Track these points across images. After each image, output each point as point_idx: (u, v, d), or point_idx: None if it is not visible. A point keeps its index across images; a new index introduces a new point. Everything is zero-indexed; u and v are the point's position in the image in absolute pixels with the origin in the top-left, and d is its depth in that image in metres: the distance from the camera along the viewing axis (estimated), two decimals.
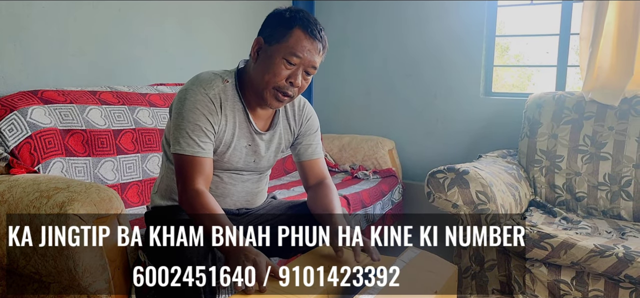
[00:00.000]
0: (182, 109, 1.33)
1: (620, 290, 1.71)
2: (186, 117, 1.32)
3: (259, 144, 1.47)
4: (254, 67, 1.38)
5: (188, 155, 1.31)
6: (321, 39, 1.35)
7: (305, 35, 1.32)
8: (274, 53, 1.33)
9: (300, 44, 1.32)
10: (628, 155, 2.22)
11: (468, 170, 1.97)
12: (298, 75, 1.35)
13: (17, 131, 1.68)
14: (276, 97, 1.36)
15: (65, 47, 2.05)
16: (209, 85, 1.37)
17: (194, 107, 1.33)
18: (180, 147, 1.31)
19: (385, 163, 2.97)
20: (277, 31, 1.33)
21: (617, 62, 2.36)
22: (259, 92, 1.37)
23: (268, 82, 1.35)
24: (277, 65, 1.33)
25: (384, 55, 3.20)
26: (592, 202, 2.26)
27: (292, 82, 1.35)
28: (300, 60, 1.33)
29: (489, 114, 2.88)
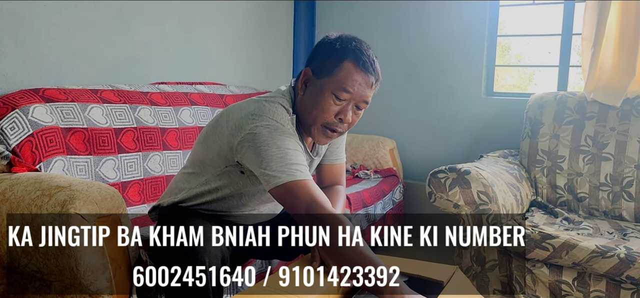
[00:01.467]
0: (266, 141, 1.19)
1: (622, 291, 1.71)
2: (280, 146, 1.18)
3: (309, 166, 1.42)
4: (302, 100, 1.30)
5: (299, 180, 1.15)
6: (374, 72, 1.26)
7: (356, 68, 1.23)
8: (323, 87, 1.24)
9: (351, 78, 1.23)
10: (630, 155, 2.21)
11: (469, 170, 1.96)
12: (348, 111, 1.26)
13: (19, 129, 1.67)
14: (325, 134, 1.29)
15: (66, 45, 2.05)
16: (282, 118, 1.26)
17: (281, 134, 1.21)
18: (286, 175, 1.15)
19: (386, 163, 2.96)
20: (327, 63, 1.25)
21: (619, 63, 2.36)
22: (307, 127, 1.31)
23: (316, 118, 1.27)
24: (326, 100, 1.24)
25: (384, 55, 3.19)
26: (593, 203, 2.26)
27: (341, 119, 1.27)
28: (351, 96, 1.24)
29: (491, 114, 2.88)
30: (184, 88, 2.41)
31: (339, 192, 1.49)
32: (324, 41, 1.30)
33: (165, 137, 2.13)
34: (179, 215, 1.41)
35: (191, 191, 1.44)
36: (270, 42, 3.14)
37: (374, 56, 1.28)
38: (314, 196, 1.14)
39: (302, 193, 1.14)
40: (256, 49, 3.04)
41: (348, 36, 1.28)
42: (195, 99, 2.38)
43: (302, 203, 1.13)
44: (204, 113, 2.35)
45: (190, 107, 2.31)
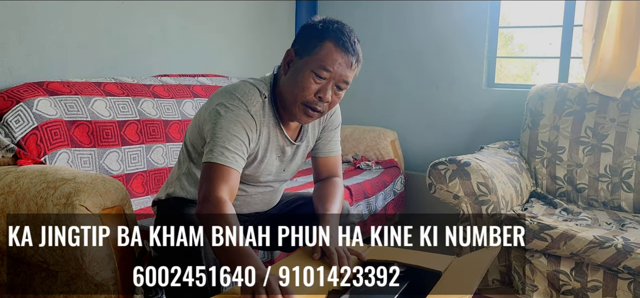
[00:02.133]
0: (221, 121, 1.26)
1: (619, 281, 1.73)
2: (226, 127, 1.25)
3: (288, 154, 1.45)
4: (284, 80, 1.33)
5: (218, 163, 1.22)
6: (354, 52, 1.28)
7: (336, 48, 1.25)
8: (304, 66, 1.27)
9: (330, 57, 1.25)
10: (629, 147, 2.23)
11: (469, 162, 1.98)
12: (328, 89, 1.28)
13: (24, 122, 1.70)
14: (306, 113, 1.31)
15: (69, 39, 2.07)
16: (250, 101, 1.30)
17: (235, 120, 1.26)
18: (212, 156, 1.22)
19: (387, 154, 2.98)
20: (309, 43, 1.27)
21: (620, 54, 2.37)
22: (288, 106, 1.33)
23: (296, 97, 1.29)
24: (306, 78, 1.26)
25: (386, 47, 3.20)
26: (592, 194, 2.28)
27: (321, 97, 1.28)
28: (330, 74, 1.27)
29: (491, 105, 2.89)
30: (186, 80, 2.43)
31: (337, 184, 1.50)
32: (307, 23, 1.33)
33: (168, 129, 2.15)
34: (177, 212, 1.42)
35: (181, 179, 1.47)
36: (271, 34, 3.15)
37: (356, 39, 1.30)
38: (218, 180, 1.20)
39: (214, 174, 1.21)
40: (257, 41, 3.05)
41: (331, 19, 1.31)
42: (197, 91, 2.40)
43: (208, 181, 1.21)
44: None
45: (193, 99, 2.33)
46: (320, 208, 1.41)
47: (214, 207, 1.16)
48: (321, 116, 1.36)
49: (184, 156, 1.48)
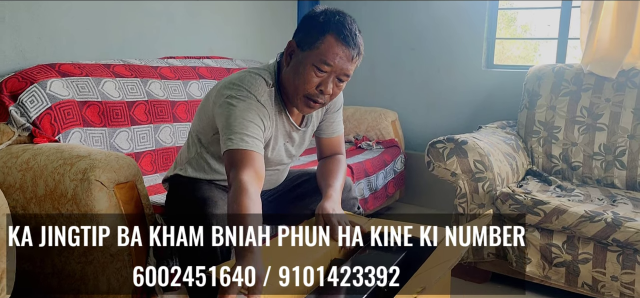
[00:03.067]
0: (235, 111, 1.28)
1: (608, 253, 1.81)
2: (240, 116, 1.27)
3: (295, 138, 1.50)
4: (286, 71, 1.36)
5: (240, 149, 1.23)
6: (355, 46, 1.30)
7: (337, 42, 1.27)
8: (305, 59, 1.30)
9: (331, 51, 1.27)
10: (623, 126, 2.29)
11: (467, 140, 2.05)
12: (328, 83, 1.31)
13: (38, 103, 1.77)
14: (307, 105, 1.35)
15: (78, 22, 2.13)
16: (258, 91, 1.33)
17: (248, 108, 1.29)
18: (232, 143, 1.24)
19: (388, 134, 3.05)
20: (310, 36, 1.29)
21: (616, 35, 2.41)
22: (290, 97, 1.37)
23: (298, 89, 1.32)
24: (308, 72, 1.29)
25: (388, 29, 3.25)
26: (587, 171, 2.35)
27: (322, 90, 1.32)
28: (332, 68, 1.29)
29: (490, 86, 2.95)
30: (191, 62, 2.49)
31: (340, 160, 1.58)
32: (309, 14, 1.34)
33: (175, 109, 2.22)
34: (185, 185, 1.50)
35: (191, 162, 1.52)
36: (274, 17, 3.20)
37: (357, 30, 1.32)
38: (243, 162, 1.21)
39: (238, 158, 1.22)
40: (261, 24, 3.11)
41: (333, 10, 1.32)
42: (202, 73, 2.46)
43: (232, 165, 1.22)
44: (212, 86, 2.43)
45: (198, 80, 2.40)
46: (323, 183, 1.49)
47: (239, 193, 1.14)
48: (323, 106, 1.41)
49: (193, 141, 1.53)
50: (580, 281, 1.87)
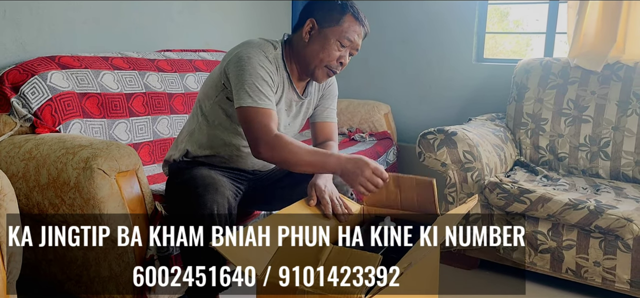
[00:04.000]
0: (247, 67, 1.43)
1: (591, 239, 1.88)
2: (252, 73, 1.42)
3: (293, 108, 1.64)
4: (306, 45, 1.53)
5: (257, 107, 1.40)
6: (366, 25, 1.54)
7: (356, 21, 1.51)
8: (329, 35, 1.50)
9: (352, 29, 1.50)
10: (608, 118, 2.36)
11: (456, 132, 2.11)
12: (346, 56, 1.54)
13: (39, 94, 1.81)
14: (326, 73, 1.55)
15: (77, 15, 2.17)
16: (266, 49, 1.50)
17: (258, 65, 1.44)
18: (251, 100, 1.40)
19: (381, 127, 3.11)
20: (330, 15, 1.50)
21: (602, 30, 2.49)
22: (310, 68, 1.54)
23: (322, 60, 1.51)
24: (331, 46, 1.50)
25: (381, 23, 3.31)
26: (572, 162, 2.42)
27: (342, 62, 1.54)
28: (351, 44, 1.52)
29: (480, 80, 3.02)
30: (188, 55, 2.54)
31: (332, 147, 1.67)
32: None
33: (172, 101, 2.27)
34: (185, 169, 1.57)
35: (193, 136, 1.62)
36: (270, 11, 3.25)
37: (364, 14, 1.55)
38: (264, 122, 1.39)
39: (257, 118, 1.39)
40: (257, 18, 3.15)
41: None
42: (199, 66, 2.51)
43: (254, 126, 1.40)
44: None
45: (195, 73, 2.45)
46: None
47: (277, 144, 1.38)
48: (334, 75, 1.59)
49: (197, 112, 1.64)
50: (564, 267, 1.95)
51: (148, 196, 1.56)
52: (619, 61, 2.42)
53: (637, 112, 2.30)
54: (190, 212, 1.39)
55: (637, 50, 2.42)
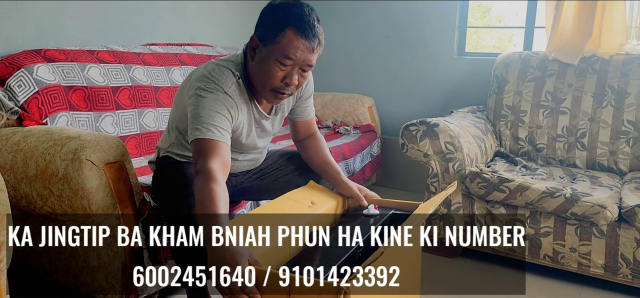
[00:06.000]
0: (203, 102, 1.32)
1: (567, 226, 1.95)
2: (208, 106, 1.31)
3: (265, 126, 1.57)
4: (252, 66, 1.41)
5: (207, 139, 1.28)
6: (315, 37, 1.32)
7: (297, 35, 1.30)
8: (268, 54, 1.33)
9: (292, 46, 1.30)
10: (584, 109, 2.44)
11: (438, 123, 2.17)
12: (293, 75, 1.35)
13: (26, 87, 1.82)
14: (275, 97, 1.41)
15: (63, 8, 2.18)
16: (225, 83, 1.37)
17: (216, 100, 1.33)
18: (199, 133, 1.28)
19: (365, 120, 3.16)
20: (270, 31, 1.33)
21: (578, 24, 2.56)
22: (258, 90, 1.42)
23: (265, 84, 1.37)
24: (272, 67, 1.33)
25: (364, 17, 3.35)
26: (550, 152, 2.50)
27: (287, 83, 1.36)
28: (294, 61, 1.33)
29: (462, 73, 3.08)
30: (173, 49, 2.56)
31: (319, 138, 1.71)
32: (268, 8, 1.37)
33: (158, 94, 2.29)
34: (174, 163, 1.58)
35: (172, 147, 1.59)
36: (254, 5, 3.27)
37: (316, 20, 1.34)
38: (208, 153, 1.25)
39: (203, 148, 1.26)
40: (242, 12, 3.17)
41: (290, 2, 1.35)
42: (184, 59, 2.53)
43: (198, 155, 1.26)
44: None
45: (181, 66, 2.47)
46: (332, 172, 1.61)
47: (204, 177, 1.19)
48: (290, 96, 1.49)
49: (172, 129, 1.59)
50: (542, 253, 2.01)
51: (136, 187, 1.58)
52: (594, 54, 2.49)
53: (612, 104, 2.38)
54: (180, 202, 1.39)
55: (612, 44, 2.50)
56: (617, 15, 2.47)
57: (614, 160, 2.36)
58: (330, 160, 1.63)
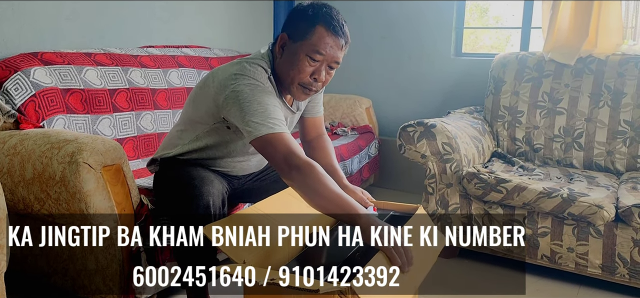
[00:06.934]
0: (252, 97, 1.34)
1: (565, 226, 1.96)
2: (259, 100, 1.33)
3: (289, 121, 1.59)
4: (280, 62, 1.45)
5: (277, 133, 1.30)
6: (343, 35, 1.41)
7: (327, 32, 1.38)
8: (298, 50, 1.39)
9: (322, 41, 1.38)
10: (581, 109, 2.45)
11: (435, 124, 2.17)
12: (322, 71, 1.42)
13: (23, 90, 1.82)
14: (303, 92, 1.45)
15: (59, 11, 2.17)
16: (260, 77, 1.40)
17: (263, 92, 1.36)
18: (265, 129, 1.29)
19: (362, 121, 3.16)
20: (300, 28, 1.39)
21: (575, 25, 2.57)
22: (286, 86, 1.45)
23: (294, 79, 1.42)
24: (301, 62, 1.39)
25: (361, 19, 3.36)
26: (548, 153, 2.50)
27: (316, 78, 1.42)
28: (323, 57, 1.39)
29: (459, 74, 3.08)
30: (171, 51, 2.55)
31: (328, 141, 1.72)
32: (297, 8, 1.44)
33: (156, 97, 2.28)
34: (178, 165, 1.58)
35: (184, 147, 1.60)
36: (252, 7, 3.27)
37: (343, 20, 1.43)
38: (290, 147, 1.29)
39: (280, 144, 1.29)
40: (239, 14, 3.17)
41: (319, 3, 1.43)
42: (182, 62, 2.53)
43: (279, 153, 1.29)
44: (191, 74, 2.51)
45: (178, 69, 2.46)
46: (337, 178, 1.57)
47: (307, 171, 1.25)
48: (316, 93, 1.51)
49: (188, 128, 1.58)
50: (539, 253, 2.02)
51: (134, 189, 1.58)
52: (591, 55, 2.50)
53: (609, 104, 2.39)
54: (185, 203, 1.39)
55: (609, 44, 2.51)
56: (613, 15, 2.48)
57: (611, 160, 2.37)
58: (336, 166, 1.63)
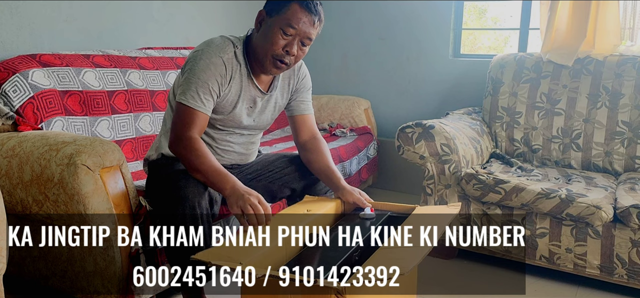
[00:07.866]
0: (196, 67, 1.48)
1: (563, 227, 1.96)
2: (198, 74, 1.48)
3: (258, 104, 1.64)
4: (256, 37, 1.55)
5: (190, 107, 1.47)
6: (316, 13, 1.50)
7: (301, 8, 1.47)
8: (273, 24, 1.49)
9: (296, 16, 1.47)
10: (579, 110, 2.45)
11: (434, 125, 2.17)
12: (294, 45, 1.50)
13: (21, 92, 1.82)
14: (275, 65, 1.52)
15: (57, 13, 2.17)
16: (223, 49, 1.52)
17: (207, 67, 1.48)
18: (185, 98, 1.47)
19: (361, 122, 3.17)
20: (277, 4, 1.49)
21: (572, 25, 2.57)
22: (260, 59, 1.53)
23: (267, 51, 1.50)
24: (275, 35, 1.48)
25: (359, 20, 3.36)
26: (546, 154, 2.51)
27: (288, 51, 1.50)
28: (296, 31, 1.48)
29: (457, 75, 3.09)
30: (169, 53, 2.55)
31: (323, 143, 1.72)
32: None
33: (154, 98, 2.28)
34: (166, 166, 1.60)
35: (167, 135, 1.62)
36: (249, 7, 3.27)
37: (319, 1, 1.53)
38: (190, 123, 1.46)
39: (186, 117, 1.47)
40: (237, 14, 3.17)
41: None
42: (180, 63, 2.52)
43: (180, 123, 1.47)
44: None
45: (176, 70, 2.46)
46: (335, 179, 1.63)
47: (187, 144, 1.44)
48: (288, 68, 1.57)
49: (168, 114, 1.65)
50: (538, 254, 2.02)
51: (132, 191, 1.58)
52: (589, 56, 2.50)
53: (607, 105, 2.39)
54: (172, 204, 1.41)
55: (606, 45, 2.51)
56: (611, 16, 2.49)
57: (609, 161, 2.37)
58: (333, 168, 1.66)
